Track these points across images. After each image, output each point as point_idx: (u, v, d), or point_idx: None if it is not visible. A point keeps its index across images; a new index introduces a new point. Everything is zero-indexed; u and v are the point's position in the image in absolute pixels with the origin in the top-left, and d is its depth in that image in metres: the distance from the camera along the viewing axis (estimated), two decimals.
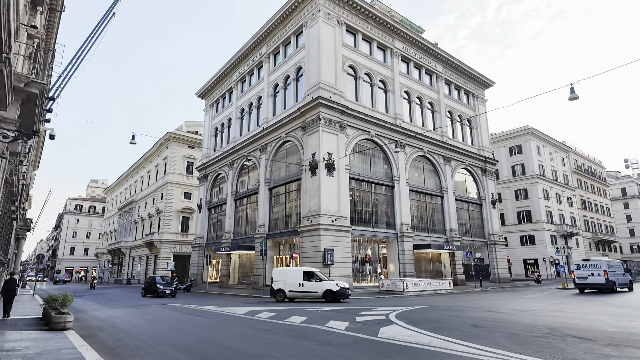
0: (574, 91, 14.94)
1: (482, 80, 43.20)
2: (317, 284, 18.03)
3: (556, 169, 57.01)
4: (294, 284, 18.10)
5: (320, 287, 17.88)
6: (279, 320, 10.70)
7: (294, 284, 18.10)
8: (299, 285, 18.03)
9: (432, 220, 34.06)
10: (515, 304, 15.43)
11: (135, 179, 61.16)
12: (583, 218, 60.67)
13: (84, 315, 13.71)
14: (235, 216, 36.34)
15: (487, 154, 40.84)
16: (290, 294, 17.96)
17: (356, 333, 8.26)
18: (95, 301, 21.03)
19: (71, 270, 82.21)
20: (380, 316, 11.11)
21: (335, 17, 29.62)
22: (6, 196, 15.52)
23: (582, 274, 22.96)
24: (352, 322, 9.95)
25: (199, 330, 9.75)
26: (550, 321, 9.94)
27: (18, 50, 10.94)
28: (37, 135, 10.68)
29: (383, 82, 32.70)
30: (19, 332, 9.29)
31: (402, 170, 31.41)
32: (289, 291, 17.94)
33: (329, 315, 11.48)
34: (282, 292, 18.01)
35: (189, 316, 12.93)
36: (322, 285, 17.95)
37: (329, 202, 25.67)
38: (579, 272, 23.11)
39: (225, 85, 41.99)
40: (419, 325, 9.11)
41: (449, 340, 7.18)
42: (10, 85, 8.50)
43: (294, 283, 18.13)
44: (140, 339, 8.66)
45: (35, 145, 30.94)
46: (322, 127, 26.57)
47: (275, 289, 18.06)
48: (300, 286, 18.02)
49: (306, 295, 18.04)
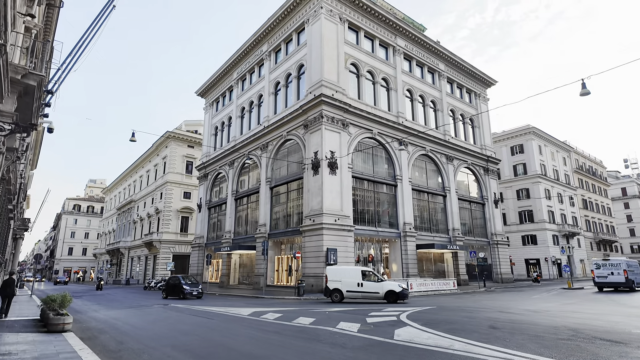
0: (585, 86, 14.64)
1: (484, 79, 42.91)
2: (378, 284, 17.25)
3: (558, 168, 56.78)
4: (352, 284, 17.20)
5: (381, 288, 17.09)
6: (287, 322, 10.31)
7: (352, 284, 17.20)
8: (357, 285, 17.13)
9: (434, 219, 33.73)
10: (525, 305, 15.10)
11: (134, 179, 60.68)
12: (584, 218, 60.46)
13: (83, 317, 13.30)
14: (235, 216, 35.94)
15: (489, 153, 40.56)
16: (348, 294, 17.12)
17: (370, 335, 7.88)
18: (95, 302, 20.60)
19: (69, 270, 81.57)
20: (391, 317, 10.74)
21: (338, 14, 29.27)
22: (3, 194, 15.10)
23: (602, 273, 23.67)
24: (363, 323, 9.57)
25: (203, 331, 9.37)
26: (570, 322, 9.60)
27: (15, 42, 10.54)
28: (35, 129, 10.28)
29: (385, 80, 32.37)
30: (15, 334, 8.88)
31: (404, 169, 31.06)
32: (347, 291, 17.08)
33: (337, 317, 11.10)
34: (339, 292, 17.05)
35: (191, 317, 12.54)
36: (383, 285, 17.18)
37: (331, 201, 25.30)
38: (599, 272, 23.85)
39: (226, 83, 41.59)
40: (435, 327, 8.75)
41: (470, 343, 6.82)
42: (7, 76, 8.12)
43: (352, 283, 17.22)
44: (142, 341, 8.27)
45: (33, 144, 30.48)
46: (325, 125, 26.20)
47: (330, 289, 17.06)
48: (359, 286, 17.13)
49: (365, 295, 17.14)
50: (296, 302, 18.11)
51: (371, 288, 17.14)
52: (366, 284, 17.14)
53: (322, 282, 23.52)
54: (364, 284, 17.11)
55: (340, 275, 17.58)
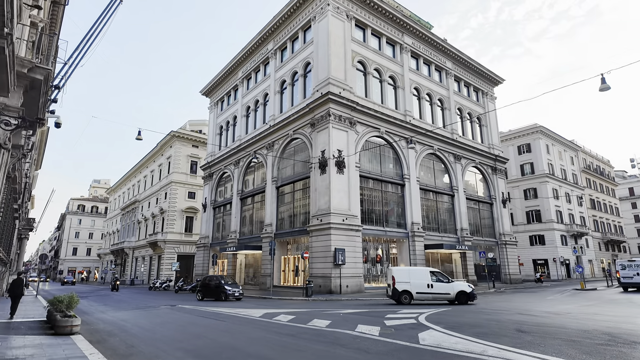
0: (605, 81, 14.21)
1: (492, 77, 42.42)
2: (448, 285, 16.95)
3: (565, 168, 56.14)
4: (422, 285, 16.87)
5: (452, 289, 16.78)
6: (301, 324, 9.92)
7: (422, 285, 16.87)
8: (427, 286, 16.82)
9: (442, 219, 33.29)
10: (542, 306, 14.67)
11: (139, 179, 60.54)
12: (592, 218, 59.75)
13: (91, 318, 13.00)
14: (241, 215, 35.63)
15: (497, 152, 40.07)
16: (418, 295, 16.80)
17: (393, 339, 7.49)
18: (101, 302, 20.30)
19: (74, 270, 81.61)
20: (410, 319, 10.34)
21: (345, 11, 28.91)
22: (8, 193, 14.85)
23: (627, 274, 24.24)
24: (382, 326, 9.17)
25: (215, 334, 9.02)
26: (600, 326, 9.18)
27: (21, 35, 10.25)
28: (42, 124, 9.98)
29: (392, 78, 31.97)
30: (22, 337, 8.57)
31: (412, 168, 30.65)
32: (417, 293, 16.75)
33: (353, 319, 10.70)
34: (408, 294, 16.67)
35: (201, 319, 12.19)
36: (453, 286, 16.90)
37: (339, 201, 24.93)
38: (625, 272, 24.42)
39: (231, 82, 41.31)
40: (459, 330, 8.35)
41: (504, 349, 6.42)
42: (13, 69, 7.80)
43: (421, 284, 16.89)
44: (154, 344, 7.92)
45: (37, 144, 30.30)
46: (332, 123, 25.84)
47: (400, 291, 16.67)
48: (429, 287, 16.80)
49: (436, 297, 16.79)
50: (305, 303, 17.73)
51: (442, 289, 16.84)
52: (436, 285, 16.85)
53: (330, 283, 23.23)
54: (434, 285, 16.83)
55: (408, 277, 17.13)
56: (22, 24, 9.64)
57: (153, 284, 36.83)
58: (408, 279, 16.90)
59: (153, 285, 36.67)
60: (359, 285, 24.39)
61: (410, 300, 16.58)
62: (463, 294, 16.58)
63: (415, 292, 16.69)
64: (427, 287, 16.79)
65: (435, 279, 17.05)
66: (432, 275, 17.25)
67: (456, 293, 16.62)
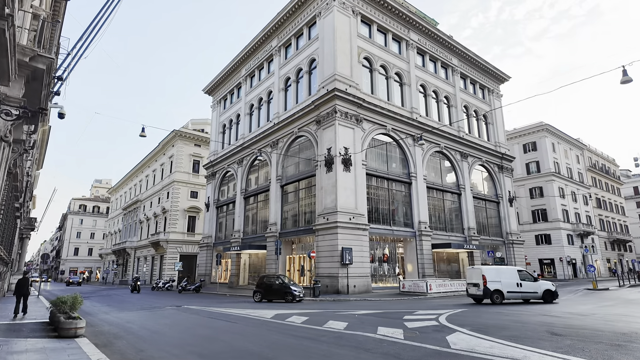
0: (627, 74, 13.71)
1: (498, 75, 41.91)
2: (535, 283, 17.20)
3: (571, 166, 55.58)
4: (512, 284, 17.02)
5: (539, 287, 17.06)
6: (317, 326, 9.42)
7: (512, 284, 17.02)
8: (516, 285, 17.02)
9: (449, 218, 32.79)
10: (561, 307, 14.20)
11: (140, 178, 60.10)
12: (598, 217, 59.17)
13: (94, 319, 12.52)
14: (244, 214, 35.16)
15: (503, 150, 39.57)
16: (509, 294, 16.96)
17: (421, 343, 7.00)
18: (104, 303, 19.84)
19: (75, 270, 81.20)
20: (430, 321, 9.84)
21: (350, 7, 28.43)
22: (10, 191, 14.42)
23: None
24: (405, 329, 8.66)
25: (229, 337, 8.53)
26: (636, 327, 8.67)
27: (22, 24, 9.79)
28: (44, 115, 9.53)
29: (399, 74, 31.48)
30: (24, 340, 8.10)
31: (419, 166, 30.16)
32: (507, 292, 16.90)
33: (371, 321, 10.20)
34: (499, 293, 16.76)
35: (210, 320, 11.71)
36: (540, 285, 17.16)
37: (345, 199, 24.46)
38: None
39: (234, 80, 40.85)
40: (487, 333, 7.86)
41: (549, 354, 5.88)
42: (14, 55, 7.34)
43: (511, 283, 17.03)
44: (164, 348, 7.44)
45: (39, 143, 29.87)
46: (338, 120, 25.36)
47: (491, 290, 16.78)
48: (518, 286, 17.00)
49: (525, 295, 17.06)
50: (314, 304, 17.25)
51: (530, 288, 17.10)
52: (525, 284, 17.05)
53: (337, 283, 22.75)
54: (523, 284, 17.04)
55: (498, 276, 17.23)
56: (23, 11, 9.18)
57: (156, 284, 36.30)
58: (498, 278, 17.03)
59: (156, 285, 36.15)
60: (366, 285, 23.92)
61: (501, 299, 16.73)
62: (549, 292, 16.88)
63: (506, 292, 16.86)
64: (516, 286, 17.00)
65: (522, 278, 17.29)
66: (519, 273, 17.49)
67: (543, 291, 16.93)
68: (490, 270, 17.47)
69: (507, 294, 16.83)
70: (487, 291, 16.60)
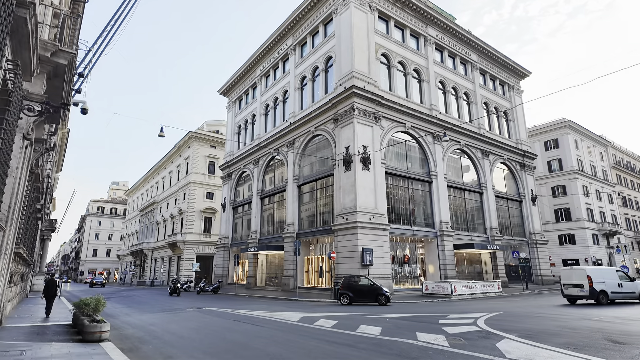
0: None
1: (518, 70, 40.73)
2: (632, 283, 17.57)
3: (595, 164, 53.69)
4: (614, 285, 17.22)
5: (636, 287, 17.46)
6: (350, 331, 8.91)
7: (614, 285, 17.22)
8: (618, 285, 17.26)
9: (470, 218, 31.87)
10: (602, 310, 13.34)
11: (157, 180, 60.66)
12: (624, 216, 57.00)
13: (116, 322, 12.30)
14: (261, 215, 34.91)
15: (525, 148, 38.38)
16: (612, 295, 17.14)
17: (472, 352, 6.41)
18: (124, 304, 19.74)
19: (94, 271, 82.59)
20: (469, 326, 9.23)
21: (367, 3, 27.90)
22: (31, 191, 14.38)
23: None
24: (446, 335, 8.07)
25: (260, 343, 8.04)
26: None
27: (43, 19, 9.59)
28: (67, 110, 9.30)
29: (417, 71, 30.78)
30: (48, 344, 7.84)
31: (439, 164, 29.37)
32: (611, 292, 17.10)
33: (405, 325, 9.65)
34: (604, 294, 16.94)
35: (236, 323, 11.30)
36: (637, 285, 17.55)
37: (365, 199, 23.89)
38: None
39: (249, 81, 40.73)
40: (539, 340, 7.24)
41: None
42: (36, 47, 7.10)
43: (613, 284, 17.24)
44: (195, 355, 7.02)
45: (58, 146, 30.20)
46: (357, 118, 24.82)
47: (598, 291, 16.95)
48: (619, 287, 17.26)
49: (625, 295, 17.33)
50: (338, 306, 16.76)
51: (630, 288, 17.42)
52: (625, 284, 17.37)
53: None
54: (623, 284, 17.31)
55: (602, 277, 17.38)
56: (44, 5, 8.97)
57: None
58: (602, 279, 17.17)
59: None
60: (388, 286, 23.20)
61: (606, 300, 16.82)
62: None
63: (610, 292, 16.98)
64: (617, 286, 17.18)
65: (620, 278, 17.47)
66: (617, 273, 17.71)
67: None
68: (595, 271, 17.54)
69: (611, 295, 16.96)
70: (594, 292, 16.71)
